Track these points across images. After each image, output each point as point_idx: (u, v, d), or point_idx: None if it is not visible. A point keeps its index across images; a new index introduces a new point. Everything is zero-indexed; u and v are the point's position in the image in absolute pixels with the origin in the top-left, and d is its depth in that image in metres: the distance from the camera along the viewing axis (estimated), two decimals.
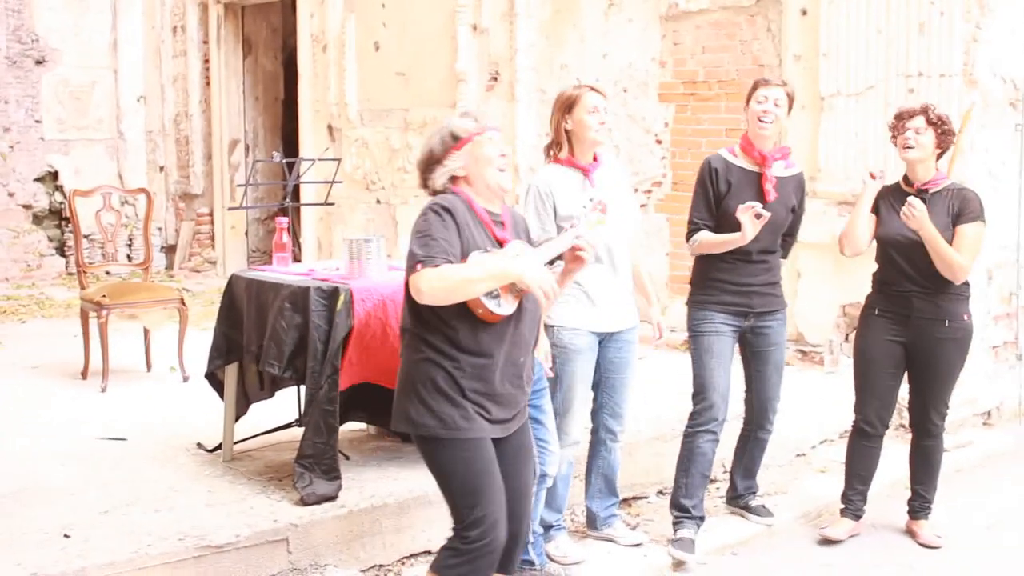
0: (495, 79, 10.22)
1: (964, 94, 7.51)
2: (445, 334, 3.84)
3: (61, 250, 13.28)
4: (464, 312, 3.80)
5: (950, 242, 5.32)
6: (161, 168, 13.94)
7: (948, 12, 7.46)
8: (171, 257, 13.87)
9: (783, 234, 5.60)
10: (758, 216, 5.21)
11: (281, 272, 5.75)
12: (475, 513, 3.85)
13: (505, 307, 3.84)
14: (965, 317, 5.52)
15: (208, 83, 13.41)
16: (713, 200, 5.47)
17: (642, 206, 9.28)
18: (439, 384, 3.85)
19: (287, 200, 6.19)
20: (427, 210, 3.87)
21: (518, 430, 4.06)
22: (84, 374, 7.79)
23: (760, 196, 5.40)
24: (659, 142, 9.18)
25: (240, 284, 5.78)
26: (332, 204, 6.91)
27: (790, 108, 5.50)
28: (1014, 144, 7.88)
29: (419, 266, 3.74)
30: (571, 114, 5.08)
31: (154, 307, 7.85)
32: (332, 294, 5.24)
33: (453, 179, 4.00)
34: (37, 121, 13.12)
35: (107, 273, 11.06)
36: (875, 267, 5.67)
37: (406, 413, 3.92)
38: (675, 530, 5.50)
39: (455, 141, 3.99)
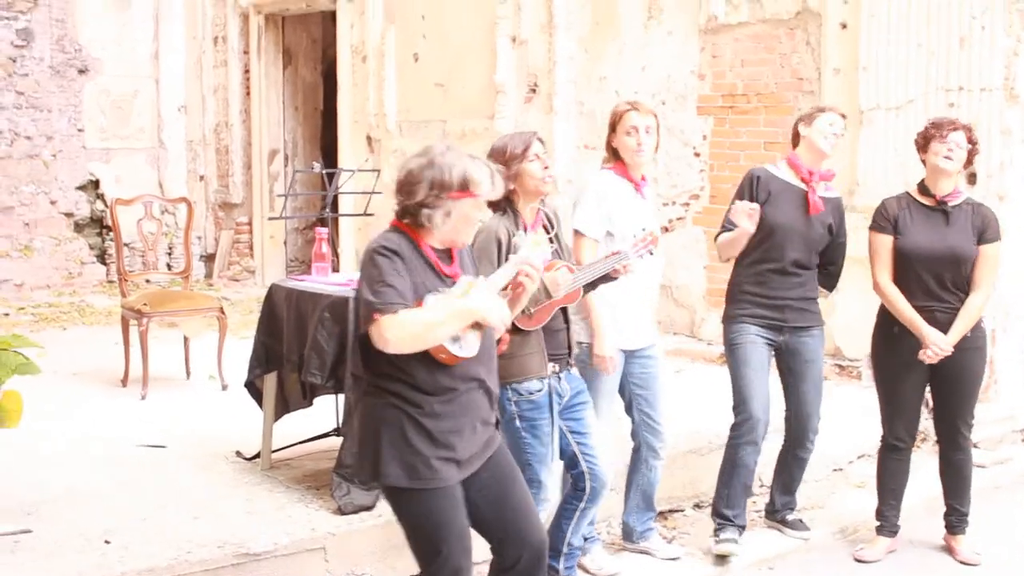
0: (533, 91, 10.25)
1: (1005, 108, 7.50)
2: (402, 379, 3.72)
3: (102, 258, 13.39)
4: (419, 355, 3.68)
5: (973, 258, 5.36)
6: (201, 177, 14.05)
7: (989, 26, 7.44)
8: (210, 266, 13.97)
9: (826, 263, 5.65)
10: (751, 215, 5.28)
11: (320, 282, 5.79)
12: (437, 561, 3.79)
13: (467, 348, 3.73)
14: (983, 323, 5.55)
15: (248, 93, 13.50)
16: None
17: (679, 219, 9.30)
18: (405, 431, 3.72)
19: (326, 210, 6.20)
20: (373, 253, 3.70)
21: (495, 454, 3.96)
22: (124, 381, 7.86)
23: (800, 208, 5.44)
24: (697, 155, 9.19)
25: (280, 294, 5.83)
26: (371, 215, 6.94)
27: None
28: None
29: (376, 315, 3.58)
30: (615, 133, 5.22)
31: (194, 315, 7.93)
32: None
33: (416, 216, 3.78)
34: (79, 130, 13.25)
35: (147, 281, 11.14)
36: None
37: (369, 462, 3.80)
38: (717, 534, 5.55)
39: (464, 189, 3.74)
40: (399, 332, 3.57)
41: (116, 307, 11.35)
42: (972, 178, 7.38)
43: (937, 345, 5.33)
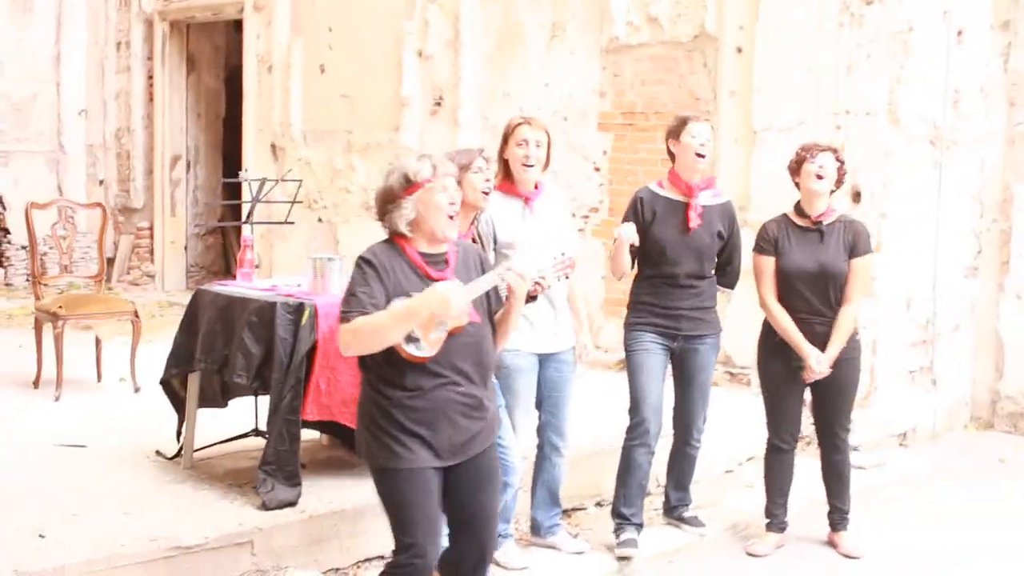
0: (439, 104, 10.54)
1: (888, 131, 7.97)
2: (378, 373, 4.04)
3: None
4: (387, 354, 3.97)
5: (846, 273, 5.75)
6: (101, 182, 14.08)
7: (874, 55, 7.91)
8: (109, 270, 13.99)
9: (723, 264, 6.00)
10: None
11: (246, 287, 6.01)
12: (406, 539, 4.07)
13: (425, 349, 3.96)
14: (857, 336, 5.94)
15: (151, 99, 13.59)
16: (638, 226, 5.74)
17: (579, 231, 9.64)
18: (376, 418, 4.06)
19: (251, 218, 6.44)
20: (356, 262, 4.06)
21: (481, 455, 4.20)
22: (36, 383, 7.98)
23: (684, 223, 5.80)
24: (597, 169, 9.54)
25: (206, 298, 6.03)
26: (292, 223, 7.18)
27: None
28: (932, 180, 8.34)
29: (342, 323, 3.96)
30: (507, 144, 5.48)
31: (109, 319, 8.08)
32: (297, 309, 5.53)
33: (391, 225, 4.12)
34: None
35: (44, 285, 11.17)
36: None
37: (360, 442, 4.19)
38: (617, 535, 5.88)
39: (408, 184, 4.04)
40: (350, 338, 3.92)
41: (15, 310, 11.43)
42: (857, 197, 7.84)
43: (813, 369, 5.73)
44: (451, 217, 4.09)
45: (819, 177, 5.76)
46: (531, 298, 4.71)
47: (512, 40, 10.05)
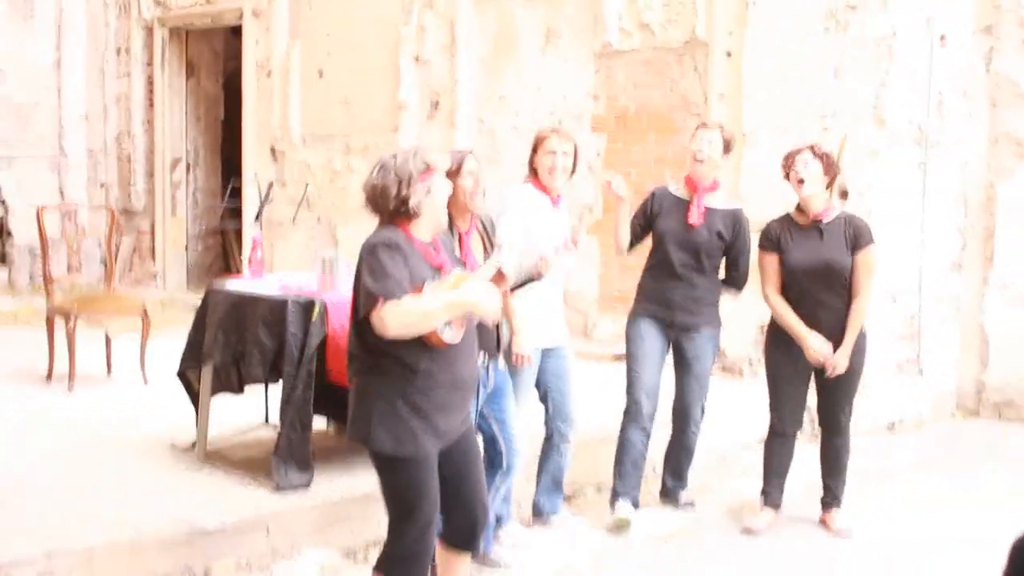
0: (436, 108, 10.78)
1: (873, 132, 8.24)
2: (395, 358, 4.14)
3: (2, 261, 13.57)
4: (412, 339, 4.12)
5: (850, 267, 6.02)
6: (102, 185, 14.28)
7: (860, 58, 8.19)
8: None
9: (728, 267, 6.32)
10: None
11: (256, 286, 6.25)
12: (410, 519, 4.28)
13: (456, 335, 4.18)
14: (863, 328, 6.20)
15: (151, 104, 13.80)
16: (646, 217, 6.28)
17: (574, 230, 9.89)
18: (395, 404, 4.15)
19: (259, 220, 6.69)
20: (374, 247, 4.11)
21: (466, 431, 4.47)
22: (49, 377, 8.22)
23: (685, 219, 6.17)
24: (591, 170, 9.79)
25: (218, 296, 6.27)
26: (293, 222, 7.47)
27: (727, 149, 6.21)
28: (917, 179, 8.61)
29: (379, 303, 4.00)
30: (536, 153, 5.83)
31: (120, 316, 8.33)
32: (307, 306, 5.78)
33: (406, 210, 4.24)
34: None
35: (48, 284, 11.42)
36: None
37: (362, 427, 4.25)
38: (612, 507, 6.24)
39: (426, 168, 4.20)
40: (400, 319, 4.01)
41: (20, 309, 11.65)
42: (844, 195, 8.09)
43: (819, 352, 6.01)
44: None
45: (801, 182, 6.03)
46: (535, 279, 5.03)
47: (507, 45, 10.31)
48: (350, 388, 4.35)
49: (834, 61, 8.28)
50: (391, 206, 4.20)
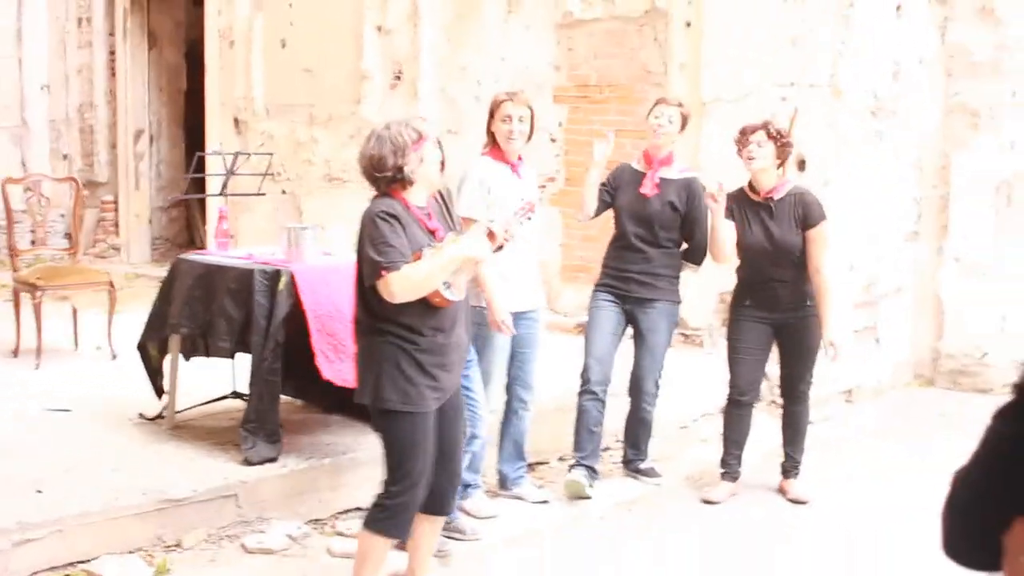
0: (398, 78, 10.82)
1: (831, 102, 8.36)
2: (400, 321, 4.39)
3: None
4: (415, 301, 4.36)
5: (800, 244, 6.14)
6: (64, 156, 14.24)
7: (816, 28, 8.29)
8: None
9: (686, 238, 6.40)
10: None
11: (224, 256, 6.32)
12: (407, 472, 4.49)
13: (456, 293, 4.46)
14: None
15: (113, 74, 13.76)
16: (609, 192, 6.40)
17: (539, 200, 9.97)
18: (401, 364, 4.39)
19: (225, 189, 6.75)
20: (375, 217, 4.36)
21: (455, 393, 4.69)
22: (16, 352, 8.25)
23: (639, 191, 6.32)
24: (553, 140, 9.87)
25: (184, 266, 6.33)
26: (264, 194, 7.51)
27: (683, 126, 6.31)
28: (874, 149, 8.74)
29: (384, 272, 4.26)
30: (493, 119, 5.84)
31: (85, 289, 8.37)
32: (274, 276, 5.85)
33: (401, 178, 4.47)
34: None
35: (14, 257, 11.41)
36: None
37: (370, 388, 4.47)
38: (570, 471, 6.38)
39: (418, 137, 4.44)
40: (404, 284, 4.28)
41: None
42: (802, 165, 8.22)
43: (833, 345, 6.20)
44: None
45: (750, 159, 6.16)
46: (498, 248, 5.12)
47: (469, 14, 10.34)
48: (356, 351, 4.61)
49: (792, 31, 8.38)
50: (388, 175, 4.43)
